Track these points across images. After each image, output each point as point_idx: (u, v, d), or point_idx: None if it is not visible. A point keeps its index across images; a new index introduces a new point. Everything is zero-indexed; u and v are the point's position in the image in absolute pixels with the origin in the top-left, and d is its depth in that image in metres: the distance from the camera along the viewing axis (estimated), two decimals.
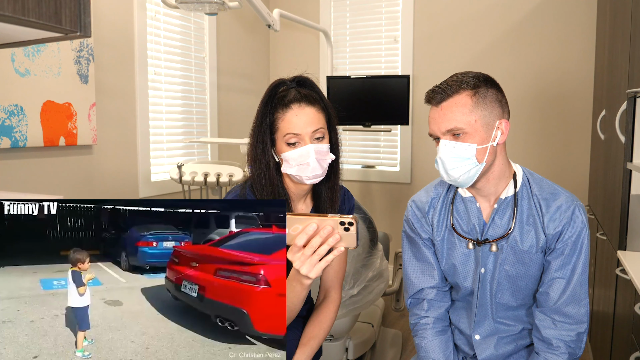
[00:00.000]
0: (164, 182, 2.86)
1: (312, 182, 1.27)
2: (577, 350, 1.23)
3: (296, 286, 1.09)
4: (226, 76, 3.42)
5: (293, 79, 1.28)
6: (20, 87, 2.05)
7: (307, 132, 1.22)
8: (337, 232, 0.91)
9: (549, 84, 3.17)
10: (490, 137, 1.18)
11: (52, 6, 0.89)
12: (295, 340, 1.33)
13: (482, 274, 1.29)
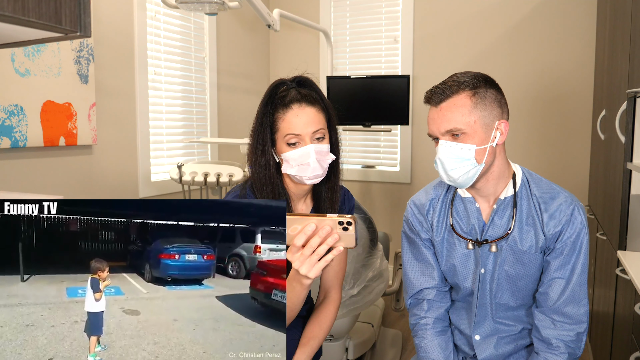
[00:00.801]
0: (164, 182, 2.86)
1: (312, 183, 1.26)
2: (577, 350, 1.23)
3: (296, 286, 1.09)
4: (226, 76, 3.42)
5: (293, 79, 1.28)
6: (20, 87, 2.05)
7: (307, 133, 1.22)
8: (336, 231, 0.91)
9: (549, 84, 3.17)
10: (489, 137, 1.18)
11: (52, 6, 0.89)
12: (295, 340, 1.33)
13: (482, 274, 1.29)
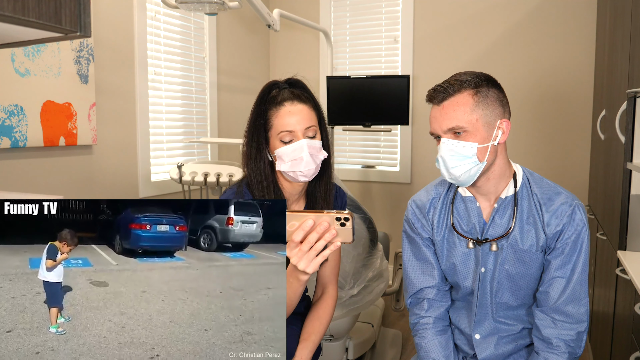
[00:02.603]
0: (164, 182, 2.86)
1: (306, 180, 1.29)
2: (577, 350, 1.23)
3: (293, 282, 1.10)
4: (226, 76, 3.42)
5: (285, 80, 1.33)
6: (20, 87, 2.05)
7: (300, 129, 1.25)
8: (334, 227, 0.92)
9: (549, 84, 3.17)
10: (491, 136, 1.18)
11: (52, 6, 0.89)
12: (295, 336, 1.34)
13: (482, 273, 1.29)
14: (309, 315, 1.38)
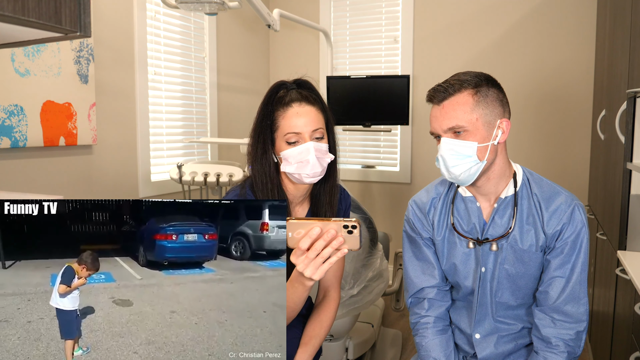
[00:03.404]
0: (164, 182, 2.86)
1: (311, 181, 1.27)
2: (577, 349, 1.23)
3: (298, 287, 1.10)
4: (226, 76, 3.42)
5: (293, 81, 1.31)
6: (20, 87, 2.05)
7: (307, 131, 1.23)
8: (341, 235, 0.92)
9: (549, 84, 3.17)
10: (491, 135, 1.19)
11: (52, 6, 0.89)
12: (296, 339, 1.33)
13: (483, 273, 1.29)
14: (311, 319, 1.38)
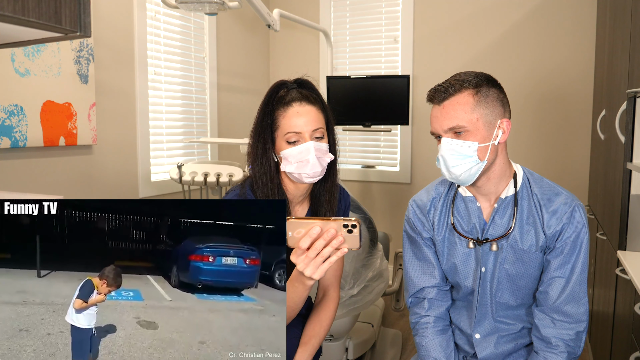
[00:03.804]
0: (164, 182, 2.86)
1: (311, 181, 1.27)
2: (577, 349, 1.23)
3: (299, 287, 1.10)
4: (226, 76, 3.42)
5: (294, 80, 1.31)
6: (20, 87, 2.05)
7: (307, 131, 1.24)
8: (341, 234, 0.92)
9: (549, 83, 3.17)
10: (491, 135, 1.19)
11: (52, 6, 0.89)
12: (296, 339, 1.33)
13: (483, 273, 1.29)
14: (310, 318, 1.38)
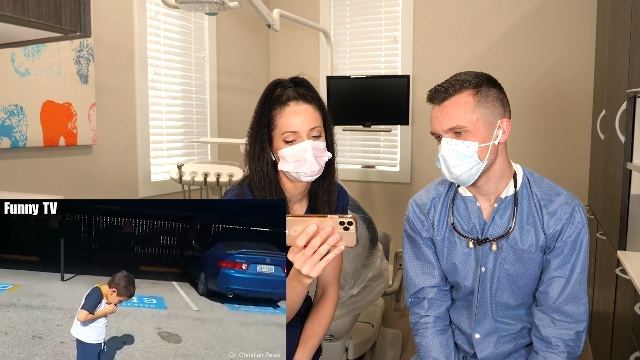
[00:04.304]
0: (164, 182, 2.86)
1: (309, 180, 1.27)
2: (577, 349, 1.23)
3: (297, 285, 1.10)
4: (226, 76, 3.42)
5: (290, 79, 1.31)
6: (20, 87, 2.05)
7: (304, 130, 1.24)
8: (337, 231, 0.92)
9: (549, 84, 3.17)
10: (491, 135, 1.19)
11: (52, 6, 0.89)
12: (295, 338, 1.33)
13: (482, 273, 1.29)
14: (309, 317, 1.38)
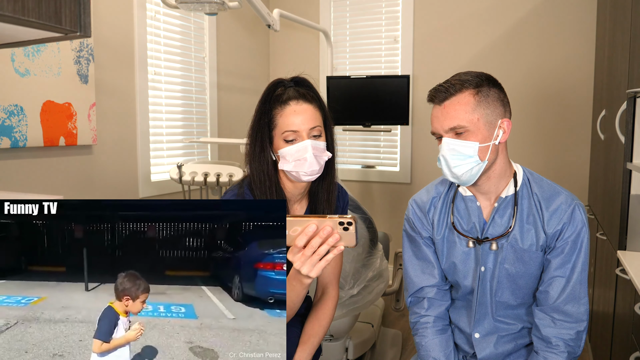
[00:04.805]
0: (164, 182, 2.86)
1: (309, 179, 1.27)
2: (577, 349, 1.23)
3: (296, 285, 1.09)
4: (226, 76, 3.42)
5: (291, 79, 1.31)
6: (20, 87, 2.05)
7: (305, 129, 1.24)
8: (337, 231, 0.92)
9: (549, 83, 3.17)
10: (492, 135, 1.19)
11: (52, 6, 0.89)
12: (295, 338, 1.33)
13: (482, 272, 1.29)
14: (309, 317, 1.38)
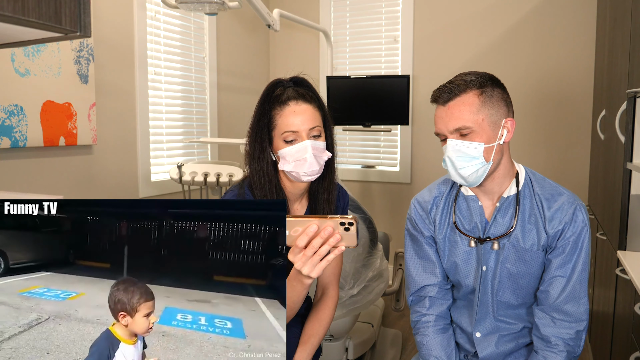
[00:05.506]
0: (164, 182, 2.86)
1: (309, 179, 1.27)
2: (576, 349, 1.23)
3: (297, 286, 1.09)
4: (226, 76, 3.42)
5: (290, 79, 1.31)
6: (20, 87, 2.05)
7: (304, 129, 1.24)
8: (338, 232, 0.92)
9: (549, 84, 3.17)
10: (497, 135, 1.19)
11: (52, 6, 0.89)
12: (295, 338, 1.33)
13: (484, 272, 1.29)
14: (309, 317, 1.38)
